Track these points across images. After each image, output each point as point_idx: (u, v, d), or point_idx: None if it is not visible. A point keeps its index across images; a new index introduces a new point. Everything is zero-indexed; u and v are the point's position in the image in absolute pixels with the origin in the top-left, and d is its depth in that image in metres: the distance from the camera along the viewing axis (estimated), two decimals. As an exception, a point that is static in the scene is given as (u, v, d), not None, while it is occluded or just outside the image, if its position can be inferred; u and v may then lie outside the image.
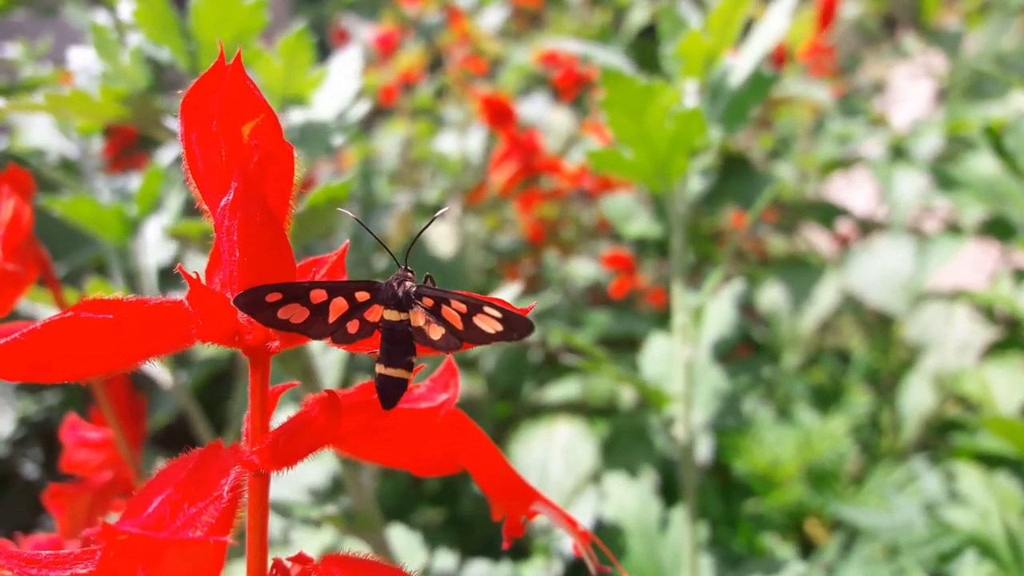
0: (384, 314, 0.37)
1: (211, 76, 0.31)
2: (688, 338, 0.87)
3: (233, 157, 0.31)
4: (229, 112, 0.31)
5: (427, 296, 0.36)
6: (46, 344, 0.30)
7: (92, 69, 0.78)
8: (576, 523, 0.42)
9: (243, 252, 0.31)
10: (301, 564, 0.36)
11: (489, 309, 0.35)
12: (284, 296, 0.33)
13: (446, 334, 0.36)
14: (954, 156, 1.77)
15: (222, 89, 0.31)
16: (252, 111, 0.31)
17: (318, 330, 0.35)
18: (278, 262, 0.32)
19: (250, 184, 0.31)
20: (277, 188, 0.33)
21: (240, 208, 0.31)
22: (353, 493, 0.74)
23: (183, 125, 0.32)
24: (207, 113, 0.32)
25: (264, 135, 0.31)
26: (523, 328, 0.35)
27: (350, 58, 0.82)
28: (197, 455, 0.32)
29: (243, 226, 0.31)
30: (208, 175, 0.33)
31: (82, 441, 0.79)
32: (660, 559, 0.95)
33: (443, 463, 0.40)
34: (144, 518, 0.29)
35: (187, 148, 0.33)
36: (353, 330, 0.36)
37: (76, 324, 0.31)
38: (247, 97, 0.31)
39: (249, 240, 0.31)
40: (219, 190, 0.32)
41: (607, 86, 0.78)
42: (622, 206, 1.14)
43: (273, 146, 0.31)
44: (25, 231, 0.58)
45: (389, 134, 2.22)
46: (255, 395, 0.35)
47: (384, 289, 0.37)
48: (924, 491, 1.25)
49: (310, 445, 0.34)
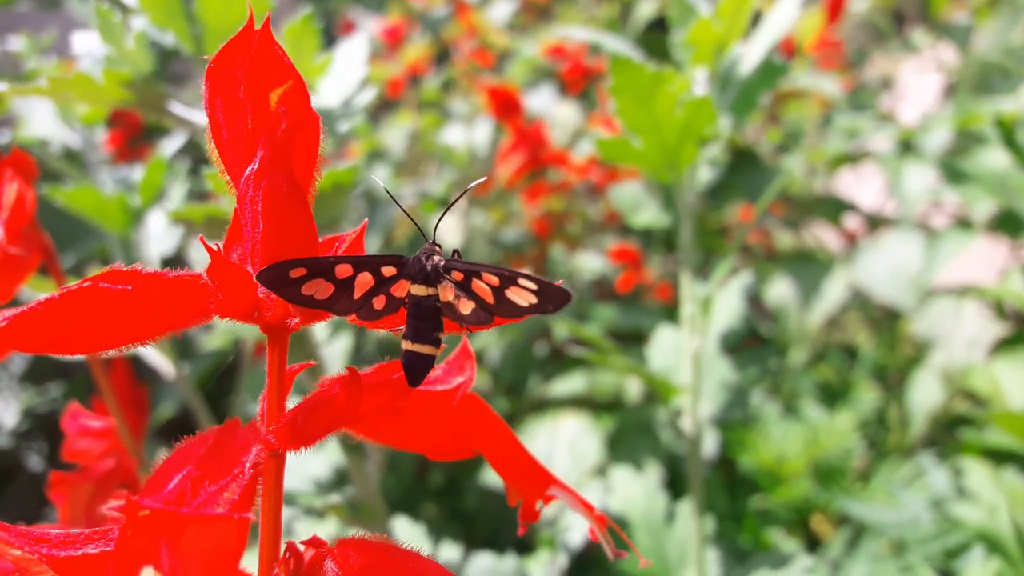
0: (411, 289, 0.36)
1: (239, 40, 0.31)
2: (696, 329, 0.86)
3: (260, 125, 0.30)
4: (257, 78, 0.30)
5: (457, 270, 0.35)
6: (63, 314, 0.30)
7: (96, 53, 0.77)
8: (593, 507, 0.41)
9: (267, 223, 0.30)
10: (315, 547, 0.35)
11: (523, 281, 0.34)
12: (309, 271, 0.32)
13: (476, 308, 0.35)
14: (963, 151, 1.76)
15: (250, 54, 0.30)
16: (281, 77, 0.30)
17: (343, 306, 0.34)
18: (302, 234, 0.31)
19: (277, 153, 0.30)
20: (303, 158, 0.32)
21: (266, 177, 0.30)
22: (358, 483, 0.74)
23: (208, 92, 0.31)
24: (234, 79, 0.31)
25: (292, 102, 0.30)
26: (559, 298, 0.33)
27: (356, 45, 0.82)
28: (215, 433, 0.31)
29: (268, 196, 0.30)
30: (232, 144, 0.32)
31: (84, 430, 0.78)
32: (666, 553, 0.94)
33: (458, 447, 0.40)
34: (165, 494, 0.28)
35: (211, 116, 0.32)
36: (379, 306, 0.36)
37: (95, 294, 0.30)
38: (276, 62, 0.30)
39: (274, 211, 0.30)
40: (243, 159, 0.31)
41: (616, 73, 0.77)
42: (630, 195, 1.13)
43: (301, 114, 0.30)
44: (28, 215, 0.58)
45: (396, 127, 2.21)
46: (272, 373, 0.34)
47: (412, 263, 0.36)
48: (931, 487, 1.24)
49: (329, 424, 0.33)
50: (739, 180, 1.69)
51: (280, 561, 0.36)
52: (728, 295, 1.00)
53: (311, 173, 0.33)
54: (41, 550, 0.31)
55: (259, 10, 0.72)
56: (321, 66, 0.76)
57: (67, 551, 0.31)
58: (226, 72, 0.31)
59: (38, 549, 0.31)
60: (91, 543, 0.32)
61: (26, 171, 0.62)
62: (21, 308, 0.31)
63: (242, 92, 0.30)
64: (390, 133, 2.19)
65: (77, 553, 0.31)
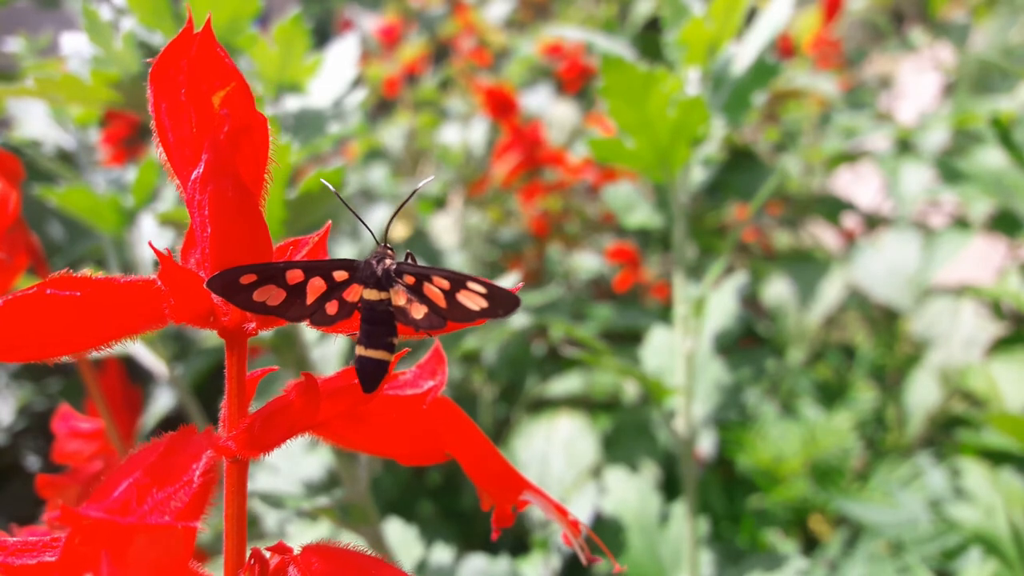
0: (364, 293, 0.35)
1: (179, 43, 0.30)
2: (689, 329, 0.86)
3: (203, 128, 0.30)
4: (198, 80, 0.30)
5: (408, 273, 0.35)
6: (10, 321, 0.29)
7: (84, 53, 0.77)
8: (567, 512, 0.40)
9: (215, 227, 0.30)
10: (280, 554, 0.35)
11: (473, 285, 0.34)
12: (259, 277, 0.32)
13: (428, 313, 0.35)
14: (961, 150, 1.75)
15: (190, 56, 0.30)
16: (222, 80, 0.30)
17: (296, 312, 0.34)
18: (252, 238, 0.31)
19: (221, 156, 0.29)
20: (251, 161, 0.31)
21: (211, 182, 0.30)
22: (348, 485, 0.73)
23: (152, 95, 0.31)
24: (176, 82, 0.31)
25: (235, 105, 0.29)
26: (508, 303, 0.33)
27: (347, 45, 0.81)
28: (168, 439, 0.31)
29: (214, 200, 0.30)
30: (179, 147, 0.31)
31: (74, 431, 0.78)
32: (659, 554, 0.94)
33: (430, 452, 0.39)
34: (109, 502, 0.28)
35: (157, 119, 0.31)
36: (332, 311, 0.35)
37: (41, 301, 0.30)
38: (217, 65, 0.30)
39: (221, 215, 0.30)
40: (190, 163, 0.31)
41: (607, 73, 0.77)
42: (623, 196, 1.13)
43: (246, 116, 0.30)
44: (12, 216, 0.57)
45: (392, 126, 2.21)
46: (231, 379, 0.33)
47: (363, 267, 0.35)
48: (929, 487, 1.24)
49: (287, 430, 0.33)
50: (736, 179, 1.68)
51: (245, 567, 0.36)
52: (722, 295, 0.99)
53: (261, 175, 0.33)
54: (-1, 557, 0.31)
55: (248, 11, 0.72)
56: (311, 66, 0.76)
57: (23, 559, 0.31)
58: (168, 75, 0.31)
59: (-4, 556, 0.31)
60: (48, 551, 0.31)
61: (10, 171, 0.62)
62: None
63: (183, 95, 0.30)
64: (387, 132, 2.18)
65: (33, 562, 0.31)
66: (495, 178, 1.74)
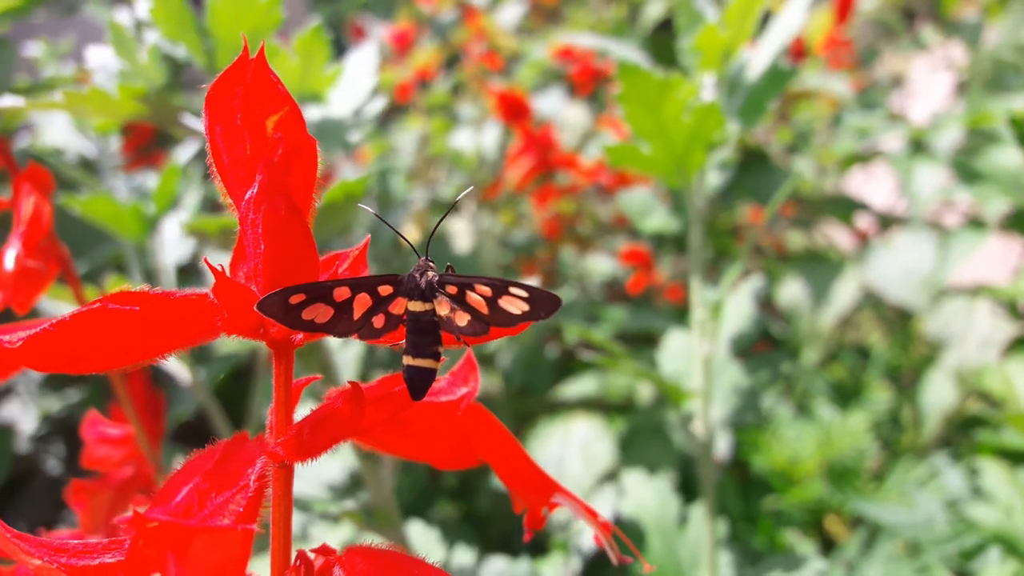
0: (408, 306, 0.37)
1: (235, 70, 0.32)
2: (706, 334, 0.86)
3: (257, 150, 0.31)
4: (253, 106, 0.31)
5: (451, 284, 0.36)
6: (74, 335, 0.31)
7: (110, 67, 0.78)
8: (597, 514, 0.42)
9: (268, 245, 0.31)
10: (325, 555, 0.36)
11: (514, 289, 0.35)
12: (308, 297, 0.33)
13: (472, 320, 0.36)
14: (975, 149, 1.75)
15: (246, 83, 0.31)
16: (276, 104, 0.31)
17: (344, 328, 0.35)
18: (302, 254, 0.32)
19: (274, 177, 0.31)
20: (301, 181, 0.33)
21: (264, 201, 0.31)
22: (372, 489, 0.74)
23: (207, 119, 0.32)
24: (231, 107, 0.32)
25: (288, 128, 0.31)
26: (550, 305, 0.34)
27: (366, 55, 0.82)
28: (223, 446, 0.32)
29: (267, 219, 0.31)
30: (233, 169, 0.33)
31: (103, 437, 0.79)
32: (679, 556, 0.94)
33: (463, 456, 0.40)
34: (173, 506, 0.29)
35: (212, 142, 0.33)
36: (379, 325, 0.36)
37: (104, 315, 0.31)
38: (271, 90, 0.31)
39: (274, 233, 0.31)
40: (243, 183, 0.33)
41: (624, 80, 0.78)
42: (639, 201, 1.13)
43: (297, 139, 0.31)
44: (46, 228, 0.59)
45: (405, 131, 2.22)
46: (279, 388, 0.35)
47: (407, 281, 0.37)
48: (946, 487, 1.24)
49: (334, 437, 0.34)
50: (749, 181, 1.69)
51: (291, 569, 0.37)
52: (738, 299, 1.00)
53: (309, 195, 0.34)
54: (60, 559, 0.32)
55: (269, 24, 0.73)
56: (331, 76, 0.77)
57: (84, 560, 0.32)
58: (224, 100, 0.32)
59: (57, 559, 0.32)
60: (107, 553, 0.33)
61: (43, 184, 0.63)
62: (34, 329, 0.32)
63: (239, 119, 0.31)
64: (400, 138, 2.19)
65: (94, 563, 0.32)
66: (508, 182, 1.75)
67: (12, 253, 0.55)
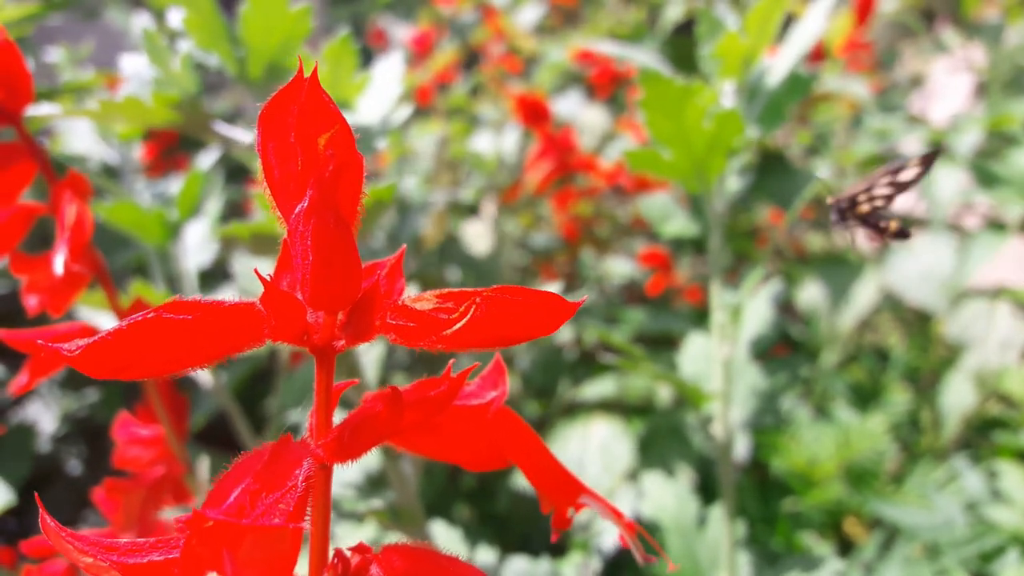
0: None
1: (290, 90, 0.33)
2: (726, 337, 0.87)
3: (309, 166, 0.33)
4: (307, 124, 0.33)
5: None
6: (131, 343, 0.32)
7: (143, 75, 0.80)
8: (622, 514, 0.43)
9: (316, 256, 0.33)
10: (361, 553, 0.38)
11: None
12: None
13: None
14: (996, 152, 1.75)
15: (300, 102, 0.33)
16: (328, 123, 0.33)
17: None
18: (348, 265, 0.34)
19: (325, 192, 0.32)
20: (348, 196, 0.34)
21: (315, 215, 0.32)
22: (397, 488, 0.76)
23: (260, 136, 0.34)
24: (285, 124, 0.34)
25: (339, 146, 0.32)
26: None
27: (392, 63, 0.84)
28: (270, 448, 0.34)
29: (317, 232, 0.32)
30: (283, 183, 0.34)
31: (134, 438, 0.81)
32: (698, 557, 0.95)
33: (491, 458, 0.42)
34: (227, 507, 0.31)
35: (264, 158, 0.34)
36: None
37: (159, 324, 0.33)
38: (324, 109, 0.33)
39: (322, 245, 0.33)
40: (294, 197, 0.34)
41: (645, 86, 0.79)
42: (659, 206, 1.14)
43: (347, 156, 0.33)
44: (88, 234, 0.61)
45: (425, 133, 2.24)
46: (320, 391, 0.36)
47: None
48: (965, 490, 1.24)
49: (373, 439, 0.36)
50: (769, 183, 1.69)
51: (329, 566, 0.39)
52: (758, 302, 1.01)
53: (355, 208, 0.36)
54: (111, 557, 0.34)
55: (299, 33, 0.75)
56: (359, 84, 0.79)
57: (135, 558, 0.34)
58: (278, 119, 0.34)
59: (108, 557, 0.34)
60: (155, 551, 0.34)
61: (82, 191, 0.65)
62: (93, 338, 0.33)
63: (293, 137, 0.33)
64: (420, 140, 2.21)
65: (143, 560, 0.34)
66: (528, 185, 1.76)
67: (60, 258, 0.57)
